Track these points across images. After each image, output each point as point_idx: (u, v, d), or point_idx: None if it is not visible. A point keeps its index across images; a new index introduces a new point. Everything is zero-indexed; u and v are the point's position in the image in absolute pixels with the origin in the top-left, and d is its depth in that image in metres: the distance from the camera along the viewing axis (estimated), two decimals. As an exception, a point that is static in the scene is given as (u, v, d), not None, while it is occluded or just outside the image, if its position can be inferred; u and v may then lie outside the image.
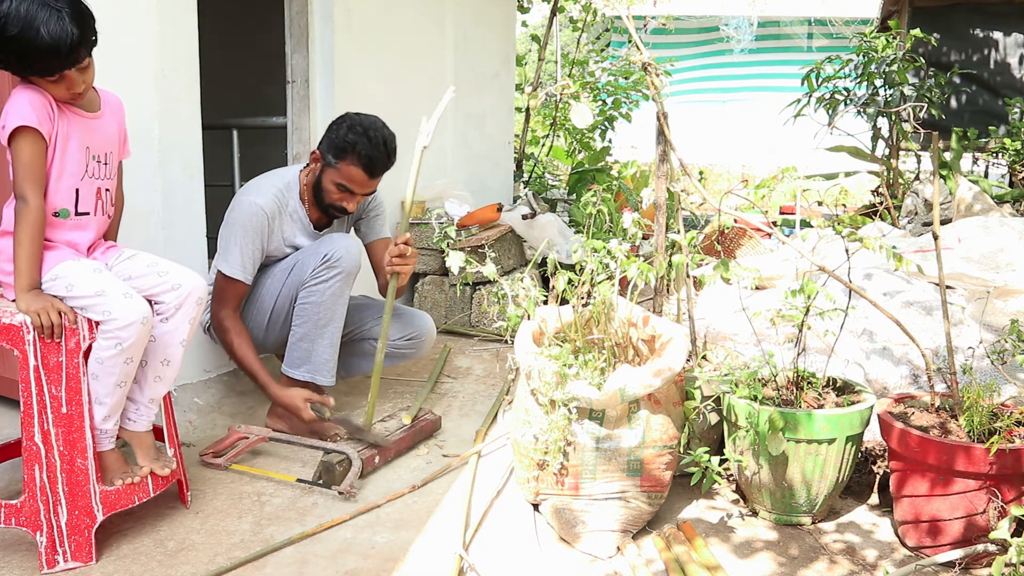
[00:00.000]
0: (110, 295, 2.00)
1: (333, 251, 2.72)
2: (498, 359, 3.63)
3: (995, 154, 5.54)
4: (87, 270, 2.03)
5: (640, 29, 9.23)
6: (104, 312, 1.99)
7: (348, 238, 2.83)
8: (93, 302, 1.99)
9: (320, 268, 2.71)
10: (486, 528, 2.23)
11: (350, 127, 2.69)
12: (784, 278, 3.26)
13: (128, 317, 1.99)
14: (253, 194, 2.74)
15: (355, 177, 2.70)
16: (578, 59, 8.33)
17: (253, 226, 2.69)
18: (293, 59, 3.82)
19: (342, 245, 2.75)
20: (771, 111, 5.58)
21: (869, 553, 2.11)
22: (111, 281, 2.04)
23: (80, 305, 2.00)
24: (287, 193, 2.80)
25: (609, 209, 4.41)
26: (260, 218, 2.70)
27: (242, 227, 2.69)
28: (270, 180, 2.82)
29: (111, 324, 1.99)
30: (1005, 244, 3.01)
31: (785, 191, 5.42)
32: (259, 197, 2.72)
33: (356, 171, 2.69)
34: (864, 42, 5.14)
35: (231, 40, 5.12)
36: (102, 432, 2.09)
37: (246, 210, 2.70)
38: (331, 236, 2.84)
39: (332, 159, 2.70)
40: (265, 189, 2.76)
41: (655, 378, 2.06)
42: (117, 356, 2.01)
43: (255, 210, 2.69)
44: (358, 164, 2.68)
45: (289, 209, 2.79)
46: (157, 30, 2.84)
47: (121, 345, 2.00)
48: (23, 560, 2.04)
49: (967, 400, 2.09)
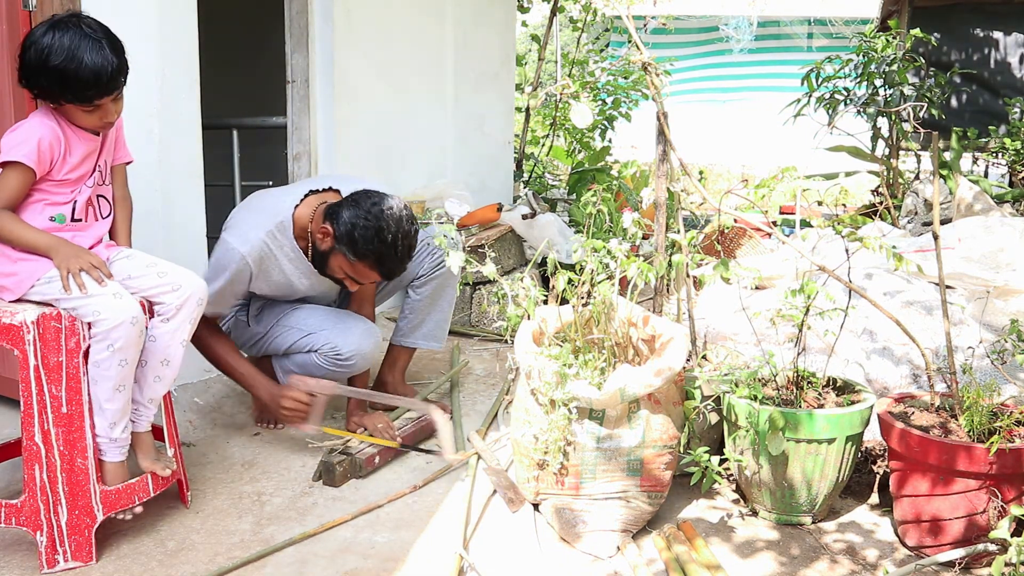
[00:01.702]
0: (98, 296, 1.99)
1: (347, 351, 2.68)
2: (498, 359, 3.63)
3: (995, 154, 5.53)
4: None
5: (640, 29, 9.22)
6: (94, 312, 1.98)
7: (369, 332, 2.75)
8: (83, 303, 1.99)
9: (330, 356, 2.70)
10: (486, 528, 2.23)
11: (376, 231, 2.45)
12: (784, 278, 3.26)
13: (117, 317, 1.98)
14: (238, 239, 2.55)
15: (368, 276, 2.57)
16: (578, 59, 8.32)
17: (233, 272, 2.56)
18: (293, 59, 3.82)
19: (358, 346, 2.69)
20: (771, 111, 5.58)
21: (870, 553, 2.11)
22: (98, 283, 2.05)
23: (71, 306, 2.00)
24: (280, 236, 2.60)
25: (609, 209, 4.41)
26: (242, 266, 2.55)
27: (221, 272, 2.56)
28: (259, 219, 2.60)
29: (101, 325, 1.99)
30: (1005, 244, 3.01)
31: (785, 191, 5.41)
32: (244, 245, 2.54)
33: (372, 273, 2.55)
34: (864, 42, 5.14)
35: (231, 40, 5.12)
36: (111, 441, 2.07)
37: (229, 257, 2.55)
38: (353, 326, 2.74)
39: (348, 252, 2.49)
40: (252, 235, 2.56)
41: (655, 378, 2.05)
42: (111, 358, 2.01)
43: (237, 258, 2.54)
44: (375, 269, 2.53)
45: (285, 249, 2.62)
46: (157, 30, 2.84)
47: (112, 347, 2.00)
48: (23, 560, 2.04)
49: (967, 400, 2.09)
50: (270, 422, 2.87)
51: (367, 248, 2.46)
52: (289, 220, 2.61)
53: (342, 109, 3.93)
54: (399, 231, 2.49)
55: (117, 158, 2.26)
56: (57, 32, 1.93)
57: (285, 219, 2.60)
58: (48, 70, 1.93)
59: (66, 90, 1.96)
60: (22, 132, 2.01)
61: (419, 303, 3.01)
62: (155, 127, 2.86)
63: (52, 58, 1.92)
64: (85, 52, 1.93)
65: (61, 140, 2.03)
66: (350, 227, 2.46)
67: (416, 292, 3.00)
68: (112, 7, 2.65)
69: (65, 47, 1.92)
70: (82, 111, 2.01)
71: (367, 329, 2.77)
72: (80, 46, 1.93)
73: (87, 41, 1.94)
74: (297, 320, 2.77)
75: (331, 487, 2.44)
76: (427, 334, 3.04)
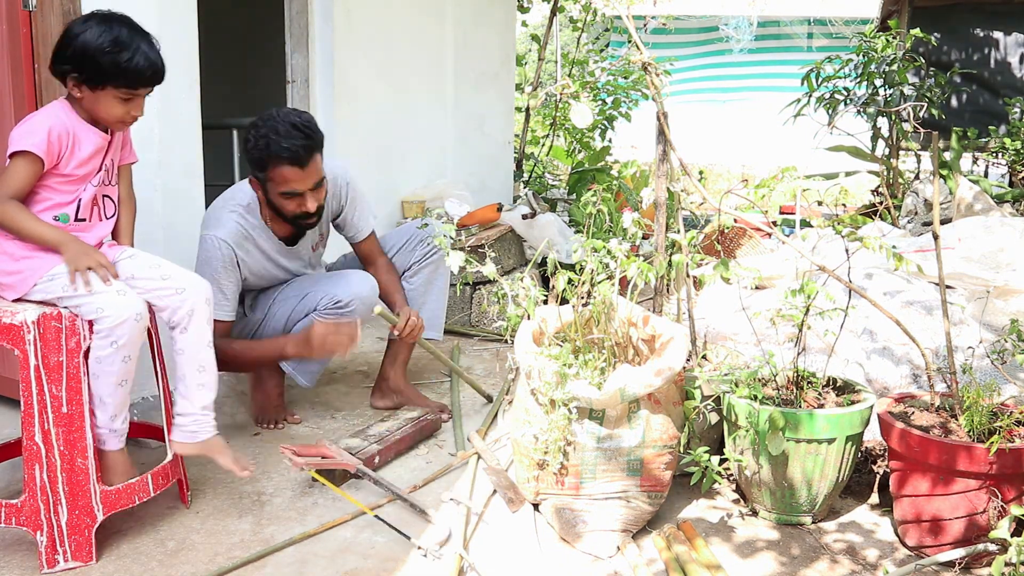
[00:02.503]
0: (102, 293, 2.01)
1: (346, 297, 2.70)
2: (498, 359, 3.63)
3: (995, 154, 5.53)
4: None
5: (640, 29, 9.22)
6: (97, 310, 1.99)
7: (365, 280, 2.77)
8: (86, 300, 2.00)
9: (331, 308, 2.71)
10: (486, 528, 2.23)
11: (256, 136, 2.54)
12: (784, 278, 3.26)
13: (121, 314, 2.00)
14: (213, 227, 2.64)
15: (290, 176, 2.53)
16: (578, 59, 8.32)
17: (223, 261, 2.61)
18: (293, 59, 3.83)
19: (356, 291, 2.72)
20: (771, 111, 5.57)
21: (870, 553, 2.11)
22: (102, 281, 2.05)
23: (76, 304, 2.01)
24: (248, 216, 2.68)
25: (609, 209, 4.41)
26: (227, 251, 2.61)
27: (212, 265, 2.60)
28: (228, 205, 2.70)
29: (105, 322, 2.00)
30: (1005, 244, 3.01)
31: (785, 191, 5.40)
32: (219, 229, 2.62)
33: (287, 170, 2.53)
34: (864, 42, 5.14)
35: (231, 40, 5.12)
36: (111, 432, 2.10)
37: (211, 246, 2.61)
38: (347, 275, 2.77)
39: (260, 174, 2.57)
40: (224, 219, 2.65)
41: (655, 378, 2.06)
42: (114, 355, 2.02)
43: (219, 244, 2.60)
44: (283, 163, 2.52)
45: (256, 232, 2.70)
46: (157, 30, 2.83)
47: (116, 343, 2.01)
48: (23, 560, 2.04)
49: (967, 400, 2.09)
50: (270, 422, 2.88)
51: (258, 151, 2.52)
52: (254, 202, 2.71)
53: (342, 109, 3.93)
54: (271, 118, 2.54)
55: (123, 158, 2.27)
56: (115, 23, 2.06)
57: (250, 201, 2.71)
58: (107, 54, 2.01)
59: (119, 75, 2.04)
60: (32, 123, 2.04)
61: (413, 292, 3.05)
62: (155, 127, 2.86)
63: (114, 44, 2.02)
64: (144, 43, 2.07)
65: (70, 133, 2.05)
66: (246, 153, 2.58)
67: (409, 282, 3.05)
68: (112, 7, 2.64)
69: (126, 36, 2.05)
70: (119, 99, 2.06)
71: (361, 275, 2.81)
72: (140, 38, 2.08)
73: (144, 36, 2.09)
74: (291, 290, 2.82)
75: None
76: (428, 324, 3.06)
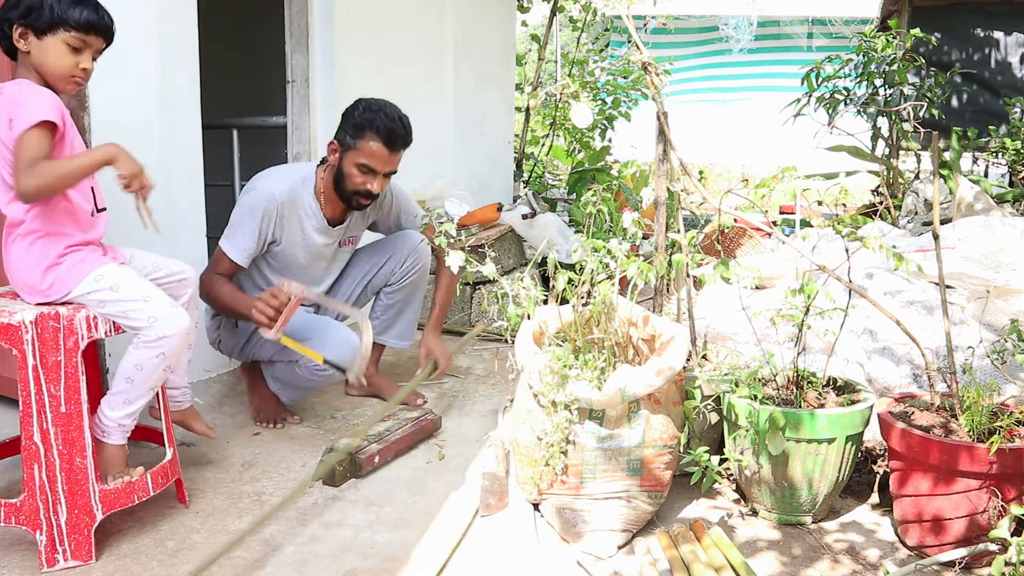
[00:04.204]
0: (157, 302, 2.04)
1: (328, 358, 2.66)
2: (498, 358, 3.63)
3: (995, 154, 5.53)
4: (132, 274, 2.06)
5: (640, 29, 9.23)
6: (149, 319, 2.02)
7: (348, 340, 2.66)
8: (138, 307, 2.01)
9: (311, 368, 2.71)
10: (486, 528, 2.23)
11: (365, 107, 2.71)
12: (784, 278, 3.26)
13: (173, 327, 2.04)
14: (270, 180, 2.74)
15: (376, 153, 2.68)
16: (578, 59, 8.33)
17: (264, 211, 2.67)
18: (293, 59, 3.82)
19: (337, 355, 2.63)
20: (771, 111, 5.57)
21: (871, 552, 2.11)
22: (155, 288, 2.08)
23: (122, 310, 2.01)
24: (302, 188, 2.78)
25: (609, 209, 4.41)
26: (272, 205, 2.68)
27: (251, 210, 2.67)
28: (287, 171, 2.83)
29: (154, 332, 2.02)
30: (1006, 243, 3.01)
31: (785, 191, 5.41)
32: (275, 185, 2.72)
33: (376, 146, 2.67)
34: (864, 42, 5.14)
35: (231, 40, 5.11)
36: (119, 426, 2.12)
37: (260, 194, 2.69)
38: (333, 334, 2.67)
39: (351, 139, 2.69)
40: (283, 178, 2.76)
41: (656, 377, 2.05)
42: (159, 364, 2.07)
43: (268, 196, 2.68)
44: (377, 138, 2.67)
45: (304, 203, 2.78)
46: (157, 30, 2.84)
47: (165, 355, 2.06)
48: (23, 559, 2.04)
49: (968, 400, 2.09)
50: (270, 422, 2.88)
51: (362, 119, 2.68)
52: (311, 176, 2.82)
53: (342, 109, 3.92)
54: (384, 103, 2.73)
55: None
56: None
57: (308, 175, 2.81)
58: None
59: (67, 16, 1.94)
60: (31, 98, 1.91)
61: (391, 307, 3.10)
62: (155, 127, 2.86)
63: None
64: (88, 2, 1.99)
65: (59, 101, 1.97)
66: (344, 121, 2.74)
67: (388, 297, 3.08)
68: (112, 7, 2.64)
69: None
70: (68, 47, 1.95)
71: (347, 337, 2.68)
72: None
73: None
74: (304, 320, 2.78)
75: (331, 487, 2.44)
76: (399, 334, 3.16)
